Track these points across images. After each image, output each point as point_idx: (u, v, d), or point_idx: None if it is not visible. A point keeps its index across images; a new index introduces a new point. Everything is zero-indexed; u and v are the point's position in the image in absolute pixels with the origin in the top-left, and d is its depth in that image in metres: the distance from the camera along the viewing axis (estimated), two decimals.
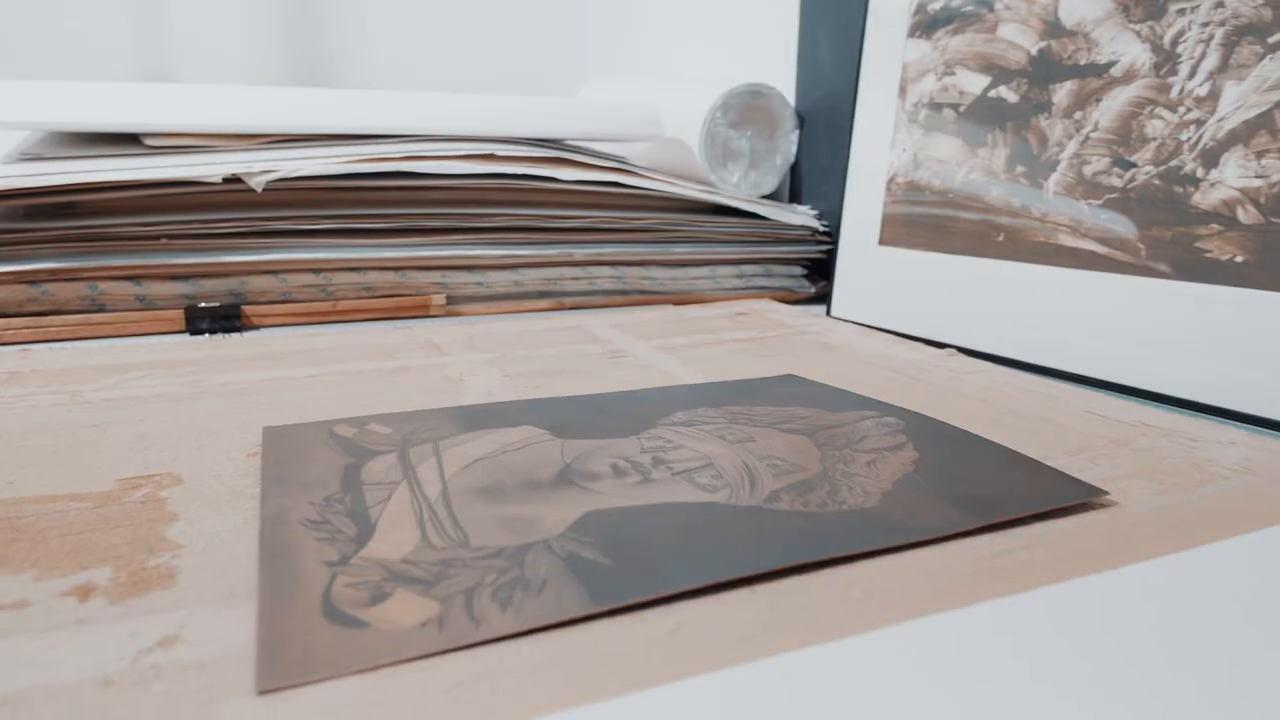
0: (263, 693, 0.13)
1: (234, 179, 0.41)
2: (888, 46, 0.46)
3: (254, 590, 0.16)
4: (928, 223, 0.43)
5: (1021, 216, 0.38)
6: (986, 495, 0.21)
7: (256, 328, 0.42)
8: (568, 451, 0.24)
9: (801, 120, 0.59)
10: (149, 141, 0.43)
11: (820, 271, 0.57)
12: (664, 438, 0.25)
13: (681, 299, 0.52)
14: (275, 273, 0.43)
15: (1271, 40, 0.29)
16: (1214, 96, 0.31)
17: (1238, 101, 0.30)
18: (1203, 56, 0.31)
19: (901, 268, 0.44)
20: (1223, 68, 0.31)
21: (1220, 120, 0.30)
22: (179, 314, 0.41)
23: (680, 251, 0.52)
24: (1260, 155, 0.29)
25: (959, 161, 0.41)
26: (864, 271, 0.47)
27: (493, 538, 0.18)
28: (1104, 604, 0.16)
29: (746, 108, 0.57)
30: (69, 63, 0.71)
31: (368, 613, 0.15)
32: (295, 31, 0.80)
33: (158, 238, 0.41)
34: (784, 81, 0.60)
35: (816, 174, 0.58)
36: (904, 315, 0.43)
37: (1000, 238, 0.39)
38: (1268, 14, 0.29)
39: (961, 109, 0.41)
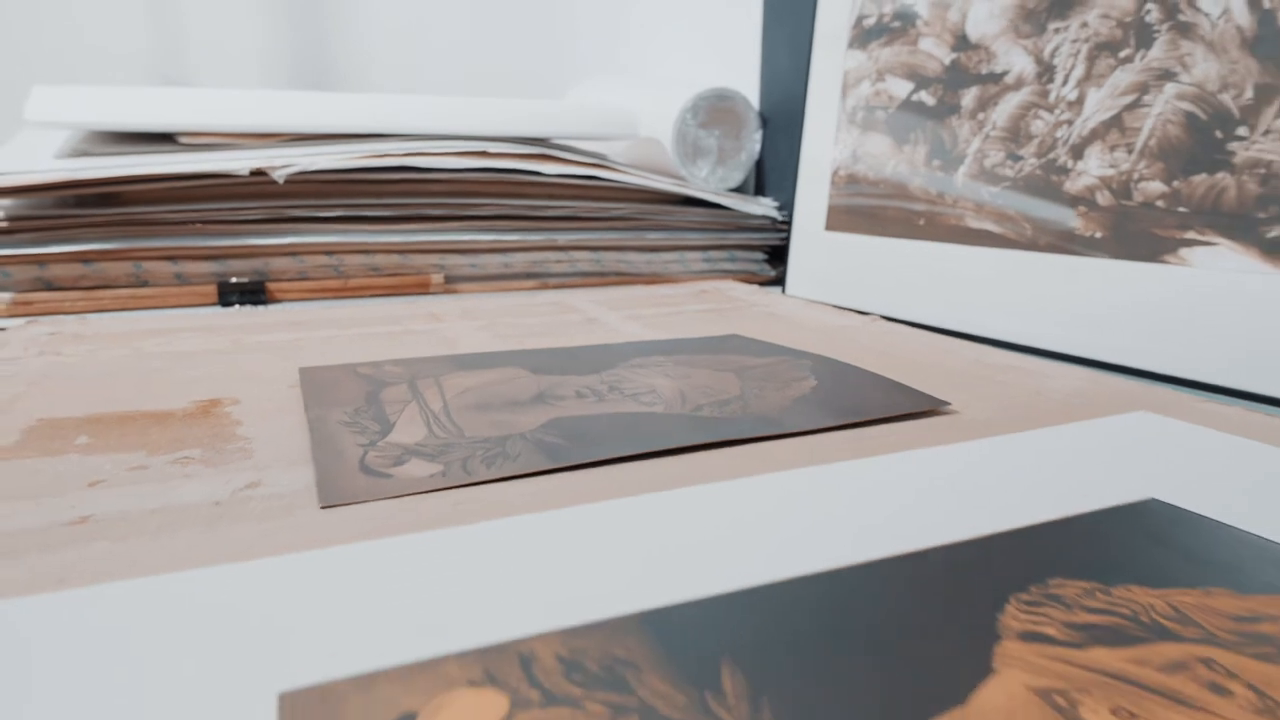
0: (324, 507, 0.19)
1: (259, 172, 0.47)
2: (831, 57, 0.52)
3: (309, 459, 0.23)
4: (865, 210, 0.49)
5: (937, 203, 0.44)
6: (856, 406, 0.27)
7: (279, 301, 0.48)
8: (542, 383, 0.30)
9: (764, 120, 0.65)
10: (183, 140, 0.49)
11: (780, 257, 0.63)
12: (620, 374, 0.31)
13: (653, 280, 0.58)
14: (294, 254, 0.49)
15: (1122, 55, 0.36)
16: (1080, 101, 0.37)
17: (1097, 105, 0.36)
18: (1073, 67, 0.38)
19: (844, 250, 0.51)
20: (1087, 77, 0.37)
21: (1085, 120, 0.37)
22: (212, 289, 0.47)
23: (653, 238, 0.58)
24: (1113, 149, 0.36)
25: (888, 156, 0.48)
26: (813, 254, 0.53)
27: (482, 432, 0.25)
28: (919, 463, 0.22)
29: (714, 109, 0.63)
30: (92, 68, 0.77)
31: (391, 469, 0.22)
32: (302, 34, 0.86)
33: (192, 223, 0.47)
34: (750, 85, 0.66)
35: (778, 169, 0.65)
36: (846, 291, 0.50)
37: (921, 222, 0.45)
38: (1119, 33, 0.36)
39: (890, 111, 0.48)
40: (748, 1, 0.66)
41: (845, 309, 0.48)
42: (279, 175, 0.47)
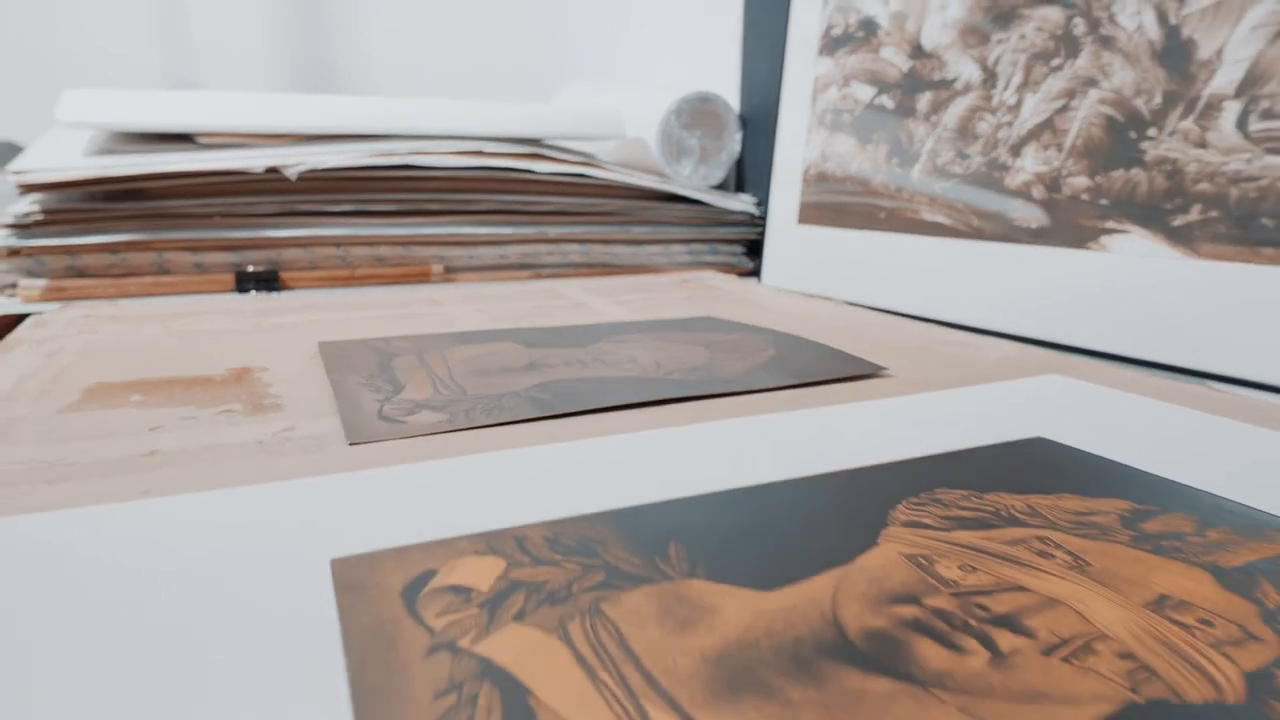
0: (351, 444, 0.23)
1: (272, 170, 0.51)
2: (803, 63, 0.56)
3: (334, 412, 0.26)
4: (833, 205, 0.53)
5: (896, 198, 0.48)
6: (804, 370, 0.31)
7: (291, 288, 0.52)
8: (533, 354, 0.34)
9: (744, 122, 0.69)
10: (201, 139, 0.53)
11: (758, 249, 0.67)
12: (602, 348, 0.35)
13: (639, 270, 0.62)
14: (305, 246, 0.53)
15: (1054, 64, 0.40)
16: (1019, 105, 0.41)
17: (1033, 109, 0.40)
18: (1012, 75, 0.42)
19: (814, 242, 0.55)
20: (1025, 83, 0.41)
21: (1022, 122, 0.41)
22: (229, 277, 0.51)
23: (638, 232, 0.62)
24: (1045, 148, 0.40)
25: (853, 155, 0.52)
26: (787, 246, 0.57)
27: (481, 390, 0.28)
28: (848, 411, 0.26)
29: (697, 111, 0.67)
30: (104, 71, 0.81)
31: (405, 418, 0.25)
32: (304, 36, 0.90)
33: (211, 216, 0.51)
34: (731, 89, 0.70)
35: (757, 168, 0.69)
36: (816, 280, 0.54)
37: (882, 215, 0.49)
38: (1052, 45, 0.40)
39: (855, 114, 0.52)
40: (729, 10, 0.71)
41: (814, 296, 0.52)
42: (291, 172, 0.51)
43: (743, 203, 0.65)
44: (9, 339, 0.38)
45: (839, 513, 0.19)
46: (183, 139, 0.54)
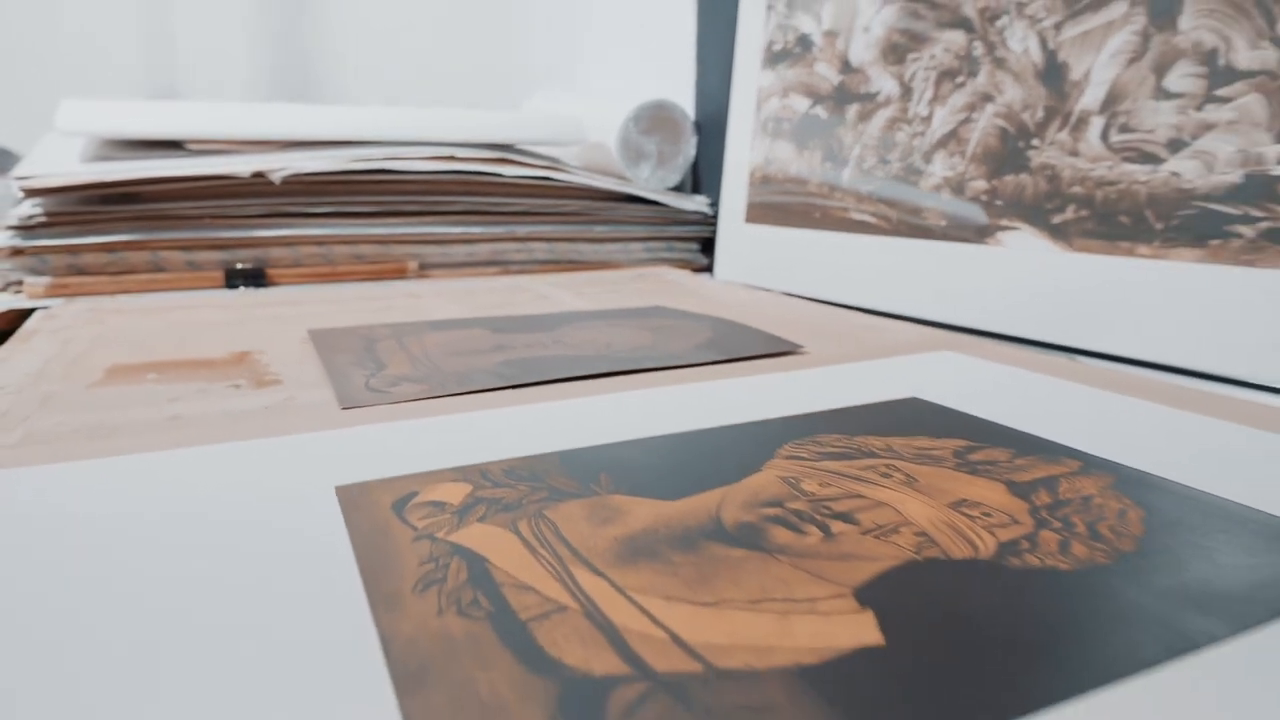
0: (344, 409, 0.28)
1: (258, 174, 0.55)
2: (748, 75, 0.61)
3: (327, 385, 0.31)
4: (775, 205, 0.59)
5: (829, 199, 0.54)
6: (732, 348, 0.36)
7: (278, 284, 0.56)
8: (500, 338, 0.39)
9: (699, 128, 0.74)
10: (191, 146, 0.57)
11: (712, 247, 0.72)
12: (562, 332, 0.40)
13: (601, 266, 0.67)
14: (289, 245, 0.57)
15: (958, 81, 0.45)
16: (930, 117, 0.47)
17: (941, 120, 0.46)
18: (925, 89, 0.47)
19: (759, 239, 0.60)
20: (935, 98, 0.46)
21: (933, 132, 0.46)
22: (220, 274, 0.55)
23: (600, 230, 0.67)
24: (951, 155, 0.45)
25: (792, 160, 0.57)
26: (735, 243, 0.62)
27: (454, 367, 0.33)
28: (762, 379, 0.31)
29: (654, 118, 0.72)
30: (90, 76, 0.84)
31: (388, 389, 0.30)
32: (282, 43, 0.93)
33: (202, 218, 0.55)
34: (687, 97, 0.75)
35: (710, 170, 0.74)
36: (761, 274, 0.59)
37: (817, 215, 0.55)
38: (957, 64, 0.45)
39: (793, 122, 0.57)
40: (685, 23, 0.76)
41: (758, 288, 0.58)
42: (276, 176, 0.55)
43: (697, 203, 0.71)
44: (24, 329, 0.42)
45: (737, 450, 0.24)
46: (172, 145, 0.57)
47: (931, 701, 0.13)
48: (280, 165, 0.56)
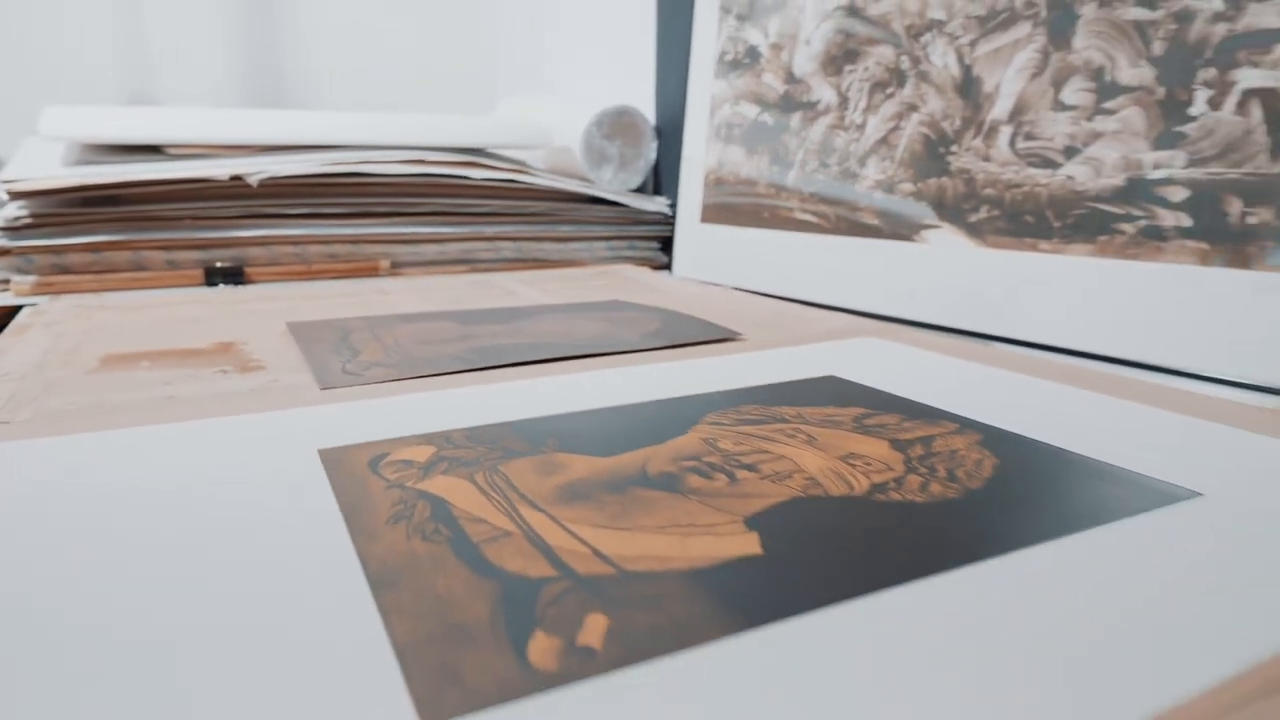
0: (323, 389, 0.31)
1: (236, 177, 0.58)
2: (702, 83, 0.65)
3: (307, 369, 0.34)
4: (728, 206, 0.62)
5: (776, 200, 0.58)
6: (678, 335, 0.40)
7: (255, 282, 0.59)
8: (466, 329, 0.42)
9: (659, 132, 0.78)
10: (170, 150, 0.60)
11: (671, 245, 0.76)
12: (524, 324, 0.43)
13: (566, 264, 0.70)
14: (266, 245, 0.60)
15: (888, 91, 0.49)
16: (864, 124, 0.51)
17: (874, 128, 0.50)
18: (860, 99, 0.51)
19: (713, 238, 0.64)
20: (868, 107, 0.50)
21: (866, 139, 0.50)
22: (199, 272, 0.58)
23: (565, 230, 0.70)
24: (882, 160, 0.49)
25: (742, 164, 0.61)
26: (692, 242, 0.66)
27: (423, 354, 0.37)
28: (700, 362, 0.35)
29: (616, 123, 0.76)
30: (66, 81, 0.86)
31: (362, 372, 0.33)
32: (257, 52, 0.96)
33: (181, 219, 0.58)
34: (649, 103, 0.79)
35: (670, 173, 0.78)
36: (715, 271, 0.63)
37: (765, 215, 0.59)
38: (887, 76, 0.49)
39: (743, 128, 0.61)
40: (647, 31, 0.79)
41: (711, 284, 0.61)
42: (253, 179, 0.58)
43: (657, 204, 0.74)
44: (16, 323, 0.45)
45: (668, 419, 0.27)
46: (152, 150, 0.60)
47: (794, 588, 0.16)
48: (257, 169, 0.59)
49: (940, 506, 0.20)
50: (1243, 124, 0.33)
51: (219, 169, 0.58)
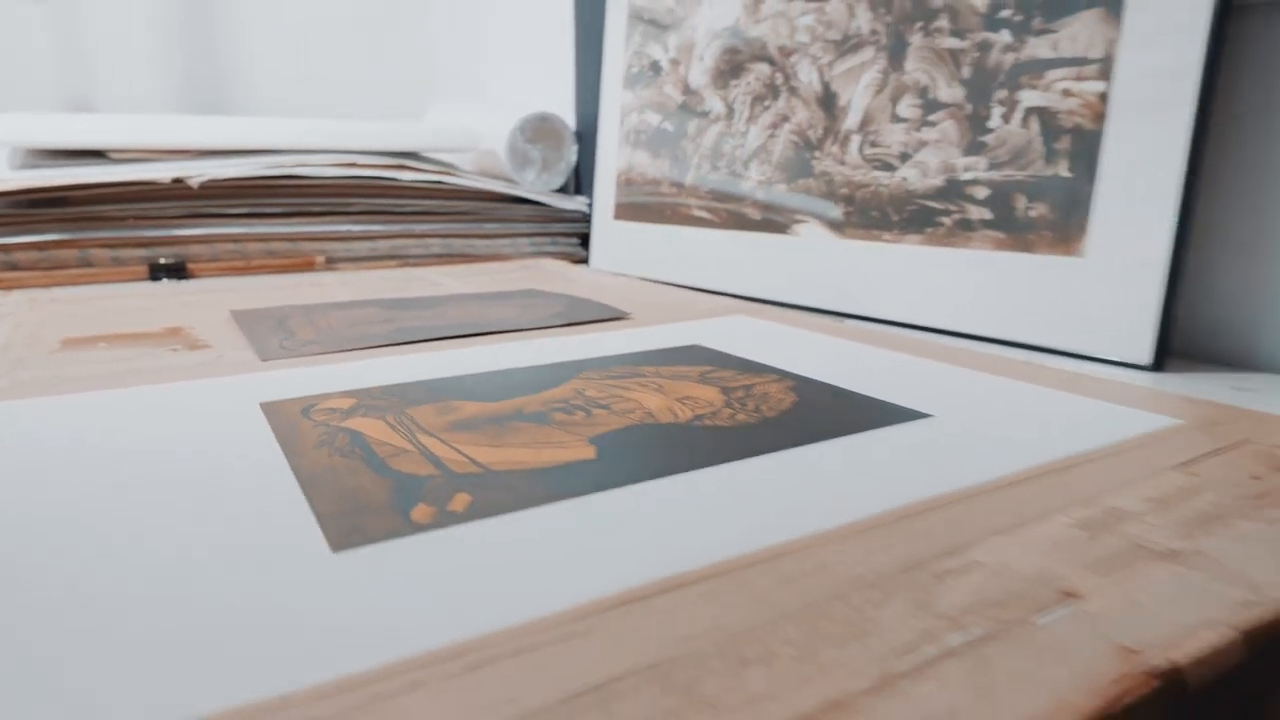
0: (264, 361, 0.37)
1: (178, 180, 0.62)
2: (613, 92, 0.72)
3: (249, 347, 0.40)
4: (637, 205, 0.69)
5: (676, 199, 0.64)
6: (574, 316, 0.46)
7: (198, 277, 0.64)
8: (391, 314, 0.48)
9: (579, 136, 0.84)
10: (113, 155, 0.64)
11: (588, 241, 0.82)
12: (445, 310, 0.49)
13: (491, 259, 0.76)
14: (208, 243, 0.65)
15: (766, 104, 0.56)
16: (747, 132, 0.58)
17: (755, 135, 0.57)
18: (743, 110, 0.58)
19: (625, 234, 0.70)
20: (750, 117, 0.57)
21: (749, 145, 0.57)
22: (143, 269, 0.62)
23: (490, 228, 0.76)
24: (762, 164, 0.56)
25: (648, 167, 0.67)
26: (607, 238, 0.73)
27: (351, 334, 0.42)
28: (590, 337, 0.41)
29: (538, 128, 0.82)
30: (6, 88, 0.89)
31: (299, 348, 0.39)
32: (195, 60, 0.99)
33: (126, 219, 0.62)
34: (569, 109, 0.85)
35: (589, 174, 0.84)
36: (627, 264, 0.69)
37: (668, 212, 0.65)
38: (765, 90, 0.56)
39: (648, 134, 0.67)
40: (567, 43, 0.85)
41: (621, 275, 0.68)
42: (194, 182, 0.62)
43: (577, 203, 0.81)
44: None
45: (549, 377, 0.34)
46: (95, 154, 0.64)
47: (610, 476, 0.23)
48: (198, 172, 0.63)
49: (740, 429, 0.27)
50: (1026, 135, 0.41)
51: (162, 172, 0.62)
